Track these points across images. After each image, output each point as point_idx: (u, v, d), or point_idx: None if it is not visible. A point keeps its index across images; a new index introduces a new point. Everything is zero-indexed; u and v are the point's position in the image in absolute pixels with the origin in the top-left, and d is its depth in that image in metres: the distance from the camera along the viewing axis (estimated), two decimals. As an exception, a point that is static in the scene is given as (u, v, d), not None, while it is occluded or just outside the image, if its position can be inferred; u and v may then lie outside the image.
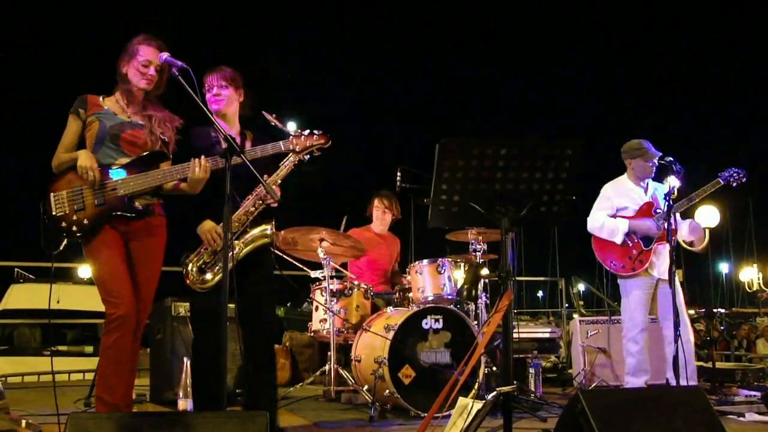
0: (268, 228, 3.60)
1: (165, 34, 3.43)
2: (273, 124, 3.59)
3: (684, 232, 5.04)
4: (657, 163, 4.98)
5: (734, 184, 5.00)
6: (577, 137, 3.11)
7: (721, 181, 4.98)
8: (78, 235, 3.28)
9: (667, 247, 4.59)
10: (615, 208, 5.14)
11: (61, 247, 3.34)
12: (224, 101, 3.67)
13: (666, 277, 4.68)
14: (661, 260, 4.95)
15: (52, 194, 3.29)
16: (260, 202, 3.55)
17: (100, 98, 3.47)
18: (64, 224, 3.26)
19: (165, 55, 3.28)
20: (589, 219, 5.21)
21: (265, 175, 3.48)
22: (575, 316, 7.26)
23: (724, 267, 33.13)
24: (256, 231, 3.59)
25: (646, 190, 5.15)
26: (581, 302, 11.12)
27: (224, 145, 3.65)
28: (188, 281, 3.52)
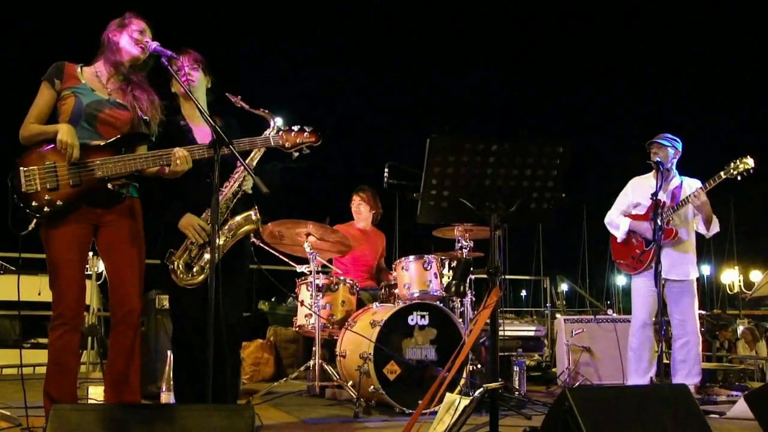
0: (252, 213, 3.48)
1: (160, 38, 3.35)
2: (239, 106, 3.46)
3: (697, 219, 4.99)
4: (672, 154, 4.95)
5: (739, 177, 4.70)
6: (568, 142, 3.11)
7: (722, 174, 4.77)
8: (49, 215, 3.06)
9: (671, 245, 4.65)
10: (630, 204, 5.20)
11: (30, 227, 3.10)
12: (195, 83, 3.54)
13: (671, 276, 4.82)
14: (665, 260, 4.71)
15: (21, 169, 3.04)
16: (238, 188, 3.45)
17: (78, 68, 3.27)
18: (34, 203, 3.02)
19: (155, 44, 3.21)
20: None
21: (237, 163, 3.41)
22: (558, 315, 7.30)
23: (705, 269, 33.41)
24: (239, 218, 3.47)
25: (664, 187, 4.89)
26: (563, 302, 11.19)
27: (197, 134, 3.58)
28: (176, 279, 3.36)
